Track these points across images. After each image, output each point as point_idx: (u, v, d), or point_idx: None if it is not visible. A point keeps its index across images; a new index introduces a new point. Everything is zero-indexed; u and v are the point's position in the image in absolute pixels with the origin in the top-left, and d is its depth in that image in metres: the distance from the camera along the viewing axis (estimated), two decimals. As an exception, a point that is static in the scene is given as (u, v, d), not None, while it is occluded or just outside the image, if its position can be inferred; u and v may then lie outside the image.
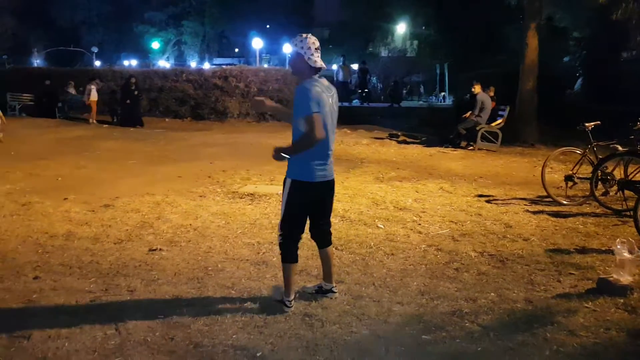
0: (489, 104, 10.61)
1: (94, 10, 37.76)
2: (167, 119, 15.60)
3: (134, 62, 38.63)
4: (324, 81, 3.09)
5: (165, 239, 4.56)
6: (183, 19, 39.44)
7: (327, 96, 3.02)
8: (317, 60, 3.03)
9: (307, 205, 3.15)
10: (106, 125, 14.21)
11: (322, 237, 3.31)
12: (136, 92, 14.21)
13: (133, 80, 14.29)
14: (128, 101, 13.95)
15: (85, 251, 4.23)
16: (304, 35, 3.08)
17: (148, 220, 5.08)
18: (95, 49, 35.22)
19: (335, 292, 3.35)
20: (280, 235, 3.17)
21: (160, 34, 40.09)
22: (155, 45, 40.23)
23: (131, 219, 5.12)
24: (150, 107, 15.79)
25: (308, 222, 3.25)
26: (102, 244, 4.41)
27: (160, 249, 4.26)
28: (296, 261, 3.22)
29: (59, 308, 3.20)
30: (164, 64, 37.49)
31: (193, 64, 37.23)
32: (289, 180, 3.10)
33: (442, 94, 25.98)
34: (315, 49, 3.02)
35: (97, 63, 35.09)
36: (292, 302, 3.19)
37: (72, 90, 15.71)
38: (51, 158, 8.63)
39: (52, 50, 34.61)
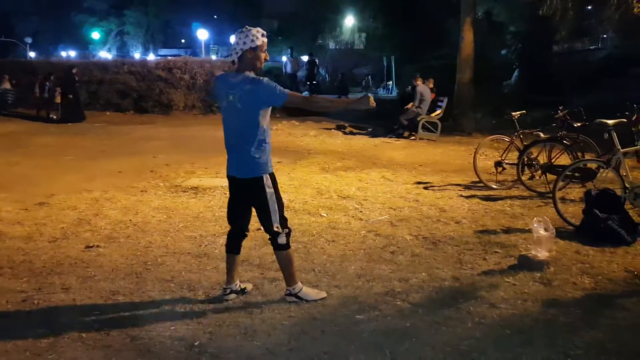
0: (429, 96, 11.00)
1: (28, -2, 35.64)
2: (107, 113, 15.03)
3: (72, 54, 36.78)
4: (236, 76, 3.03)
5: (103, 235, 4.48)
6: (125, 8, 37.94)
7: (224, 92, 3.02)
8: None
9: None
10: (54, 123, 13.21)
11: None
12: (77, 85, 13.52)
13: (74, 70, 13.57)
14: (70, 95, 13.17)
15: (17, 251, 4.08)
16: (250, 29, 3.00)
17: (85, 217, 4.95)
18: (29, 40, 33.28)
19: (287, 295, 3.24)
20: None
21: (100, 23, 38.41)
22: (96, 35, 38.53)
23: (67, 217, 4.98)
24: (90, 100, 15.14)
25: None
26: (36, 243, 4.27)
27: (97, 246, 4.19)
28: None
29: (-13, 309, 3.10)
30: (105, 55, 35.95)
31: (137, 55, 35.93)
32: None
33: (389, 82, 26.51)
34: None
35: (32, 54, 33.19)
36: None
37: (6, 85, 14.80)
38: (-20, 155, 8.17)
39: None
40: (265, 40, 3.02)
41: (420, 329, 2.87)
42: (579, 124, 5.72)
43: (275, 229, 3.06)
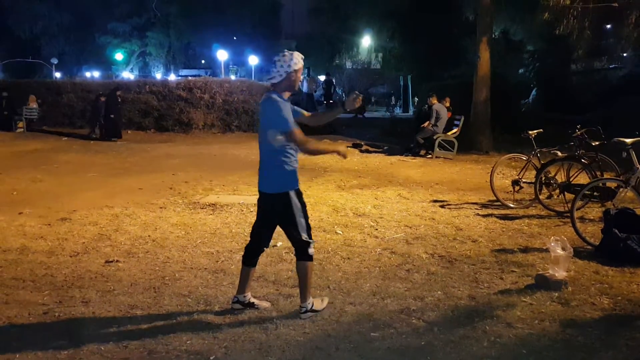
0: (445, 114, 11.02)
1: (54, 20, 36.85)
2: (129, 131, 15.37)
3: (96, 74, 37.87)
4: (265, 96, 3.24)
5: (122, 250, 4.57)
6: (147, 30, 38.98)
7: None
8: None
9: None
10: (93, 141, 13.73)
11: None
12: (119, 106, 14.11)
13: (119, 93, 14.23)
14: (112, 115, 13.74)
15: (39, 265, 4.19)
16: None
17: (106, 233, 5.06)
18: (55, 61, 34.34)
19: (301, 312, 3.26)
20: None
21: (123, 45, 39.48)
22: (119, 56, 39.58)
23: (88, 232, 5.09)
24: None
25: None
26: (58, 257, 4.38)
27: (117, 261, 4.27)
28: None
29: (10, 321, 3.19)
30: (128, 75, 36.91)
31: (158, 76, 36.81)
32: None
33: (399, 101, 26.61)
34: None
35: (57, 75, 34.24)
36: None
37: (33, 104, 15.31)
38: (6, 172, 8.42)
39: (9, 61, 33.55)
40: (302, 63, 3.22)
41: (436, 348, 2.85)
42: (597, 143, 5.67)
43: (305, 239, 3.17)
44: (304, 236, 3.17)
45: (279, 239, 4.77)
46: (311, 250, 3.18)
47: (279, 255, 4.37)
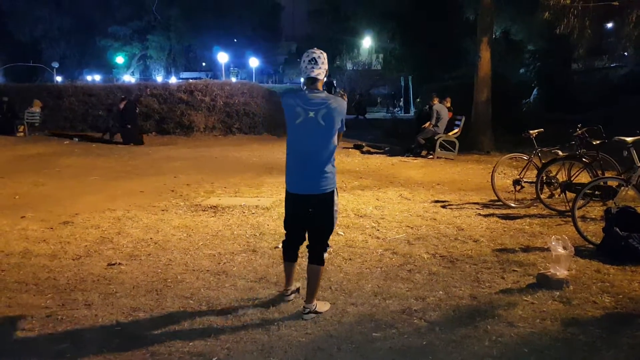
0: (446, 115, 11.03)
1: (55, 24, 36.98)
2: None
3: (97, 78, 37.99)
4: (316, 94, 3.11)
5: (125, 253, 4.58)
6: (148, 33, 39.09)
7: (301, 109, 3.09)
8: (307, 71, 3.14)
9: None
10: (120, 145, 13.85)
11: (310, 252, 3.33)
12: (136, 115, 14.37)
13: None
14: (129, 125, 13.93)
15: (42, 268, 4.20)
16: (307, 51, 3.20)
17: (108, 236, 5.08)
18: (56, 65, 34.46)
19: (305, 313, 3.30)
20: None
21: (124, 48, 39.61)
22: (120, 60, 39.71)
23: (90, 235, 5.11)
24: (113, 122, 15.59)
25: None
26: (60, 261, 4.39)
27: (119, 264, 4.28)
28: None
29: (13, 324, 3.20)
30: (129, 78, 37.02)
31: (159, 79, 36.90)
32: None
33: (399, 103, 26.65)
34: (309, 61, 3.14)
35: (59, 79, 34.36)
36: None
37: (36, 108, 15.36)
38: (8, 176, 8.44)
39: (9, 66, 33.65)
40: None
41: (437, 347, 2.86)
42: (597, 142, 5.67)
43: (327, 245, 3.27)
44: (327, 240, 3.28)
45: (281, 241, 4.79)
46: (326, 255, 3.28)
47: (281, 257, 4.36)
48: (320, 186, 3.15)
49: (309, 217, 3.23)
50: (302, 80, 3.33)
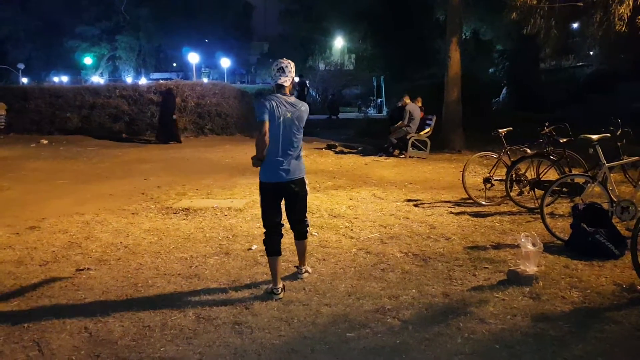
0: (418, 114, 11.15)
1: (20, 25, 35.86)
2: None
3: (65, 79, 36.97)
4: (288, 97, 3.63)
5: (94, 258, 4.46)
6: (117, 34, 38.32)
7: (283, 108, 3.56)
8: (276, 78, 3.63)
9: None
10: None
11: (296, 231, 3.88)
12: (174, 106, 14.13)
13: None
14: (174, 116, 13.84)
15: (7, 275, 4.06)
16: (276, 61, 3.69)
17: (76, 241, 4.94)
18: (21, 66, 33.40)
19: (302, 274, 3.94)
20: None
21: (92, 49, 38.72)
22: (88, 60, 38.79)
23: (58, 240, 4.96)
24: (82, 124, 15.19)
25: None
26: (27, 267, 4.25)
27: (88, 269, 4.17)
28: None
29: (-24, 334, 3.07)
30: (97, 80, 36.17)
31: (129, 79, 36.20)
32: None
33: (379, 99, 26.83)
34: (278, 69, 3.61)
35: (24, 80, 33.32)
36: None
37: (1, 112, 14.82)
38: (-30, 181, 8.13)
39: (-28, 67, 32.49)
40: None
41: (410, 346, 2.87)
42: (564, 140, 5.82)
43: (306, 218, 3.83)
44: (306, 215, 3.83)
45: (254, 242, 4.75)
46: (308, 228, 3.92)
47: (254, 259, 4.34)
48: (301, 171, 3.70)
49: (292, 200, 3.71)
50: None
